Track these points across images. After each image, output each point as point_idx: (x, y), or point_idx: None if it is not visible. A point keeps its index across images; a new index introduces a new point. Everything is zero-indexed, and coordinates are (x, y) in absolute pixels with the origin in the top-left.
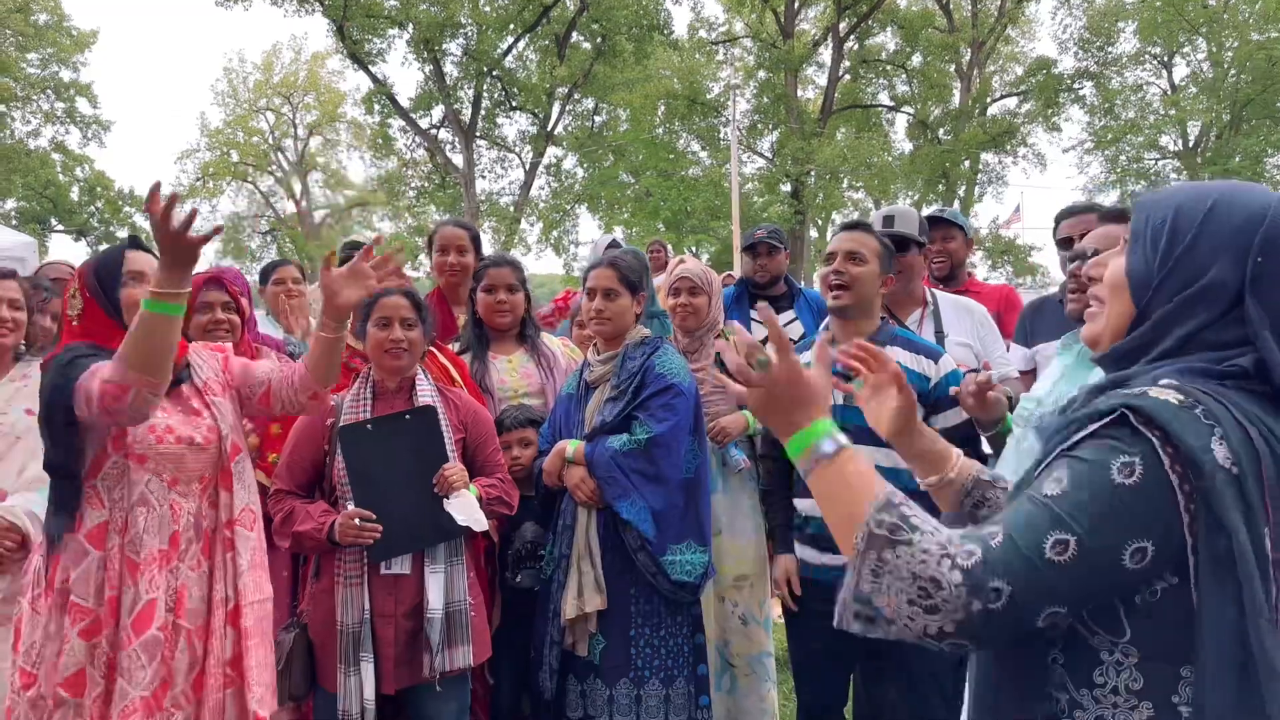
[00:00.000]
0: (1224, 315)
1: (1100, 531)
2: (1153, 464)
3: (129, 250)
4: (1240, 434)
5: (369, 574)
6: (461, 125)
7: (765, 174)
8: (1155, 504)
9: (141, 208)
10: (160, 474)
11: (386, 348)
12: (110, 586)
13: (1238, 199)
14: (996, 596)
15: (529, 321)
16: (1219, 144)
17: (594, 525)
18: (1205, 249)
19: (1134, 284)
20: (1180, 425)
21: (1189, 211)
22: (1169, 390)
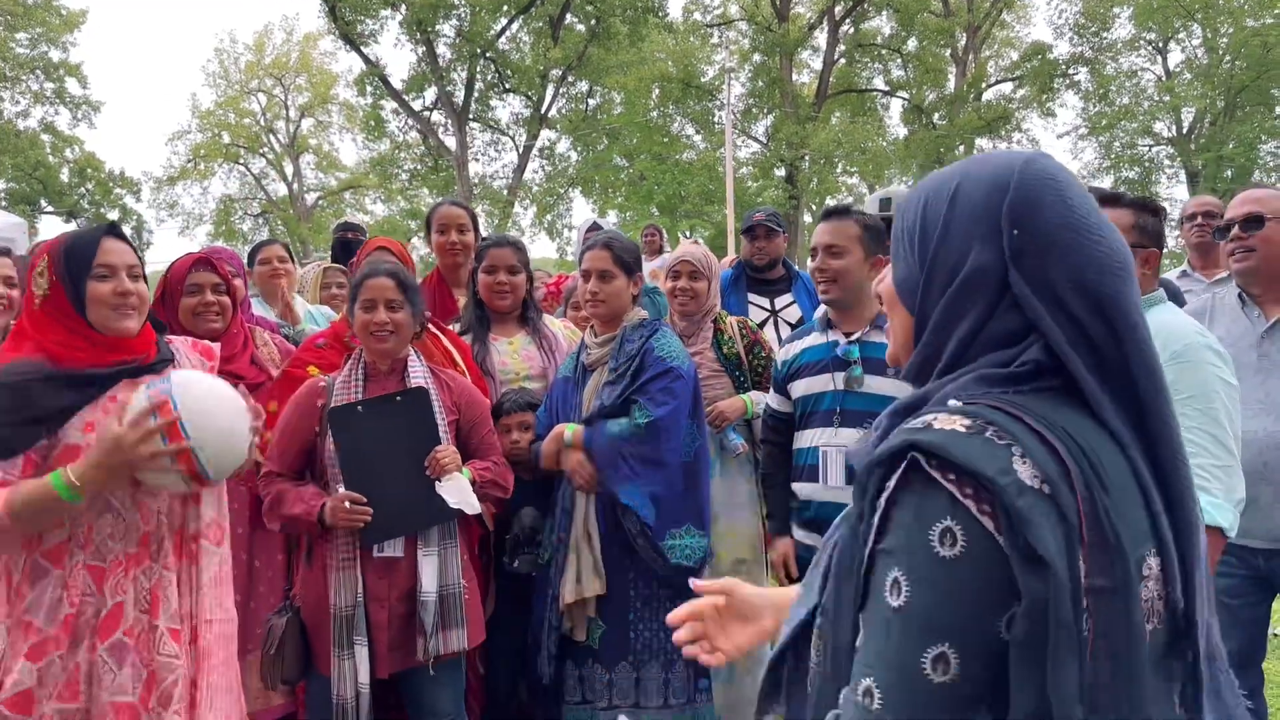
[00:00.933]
0: (998, 303)
1: (966, 623)
2: (965, 520)
3: (105, 238)
4: (1042, 448)
5: (361, 557)
6: (454, 107)
7: (760, 158)
8: (992, 564)
9: (133, 189)
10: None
11: (372, 330)
12: (70, 604)
13: (979, 173)
14: None
15: (530, 303)
16: (1213, 130)
17: (593, 510)
18: (958, 235)
19: (902, 292)
20: (974, 455)
21: (935, 199)
22: (955, 416)
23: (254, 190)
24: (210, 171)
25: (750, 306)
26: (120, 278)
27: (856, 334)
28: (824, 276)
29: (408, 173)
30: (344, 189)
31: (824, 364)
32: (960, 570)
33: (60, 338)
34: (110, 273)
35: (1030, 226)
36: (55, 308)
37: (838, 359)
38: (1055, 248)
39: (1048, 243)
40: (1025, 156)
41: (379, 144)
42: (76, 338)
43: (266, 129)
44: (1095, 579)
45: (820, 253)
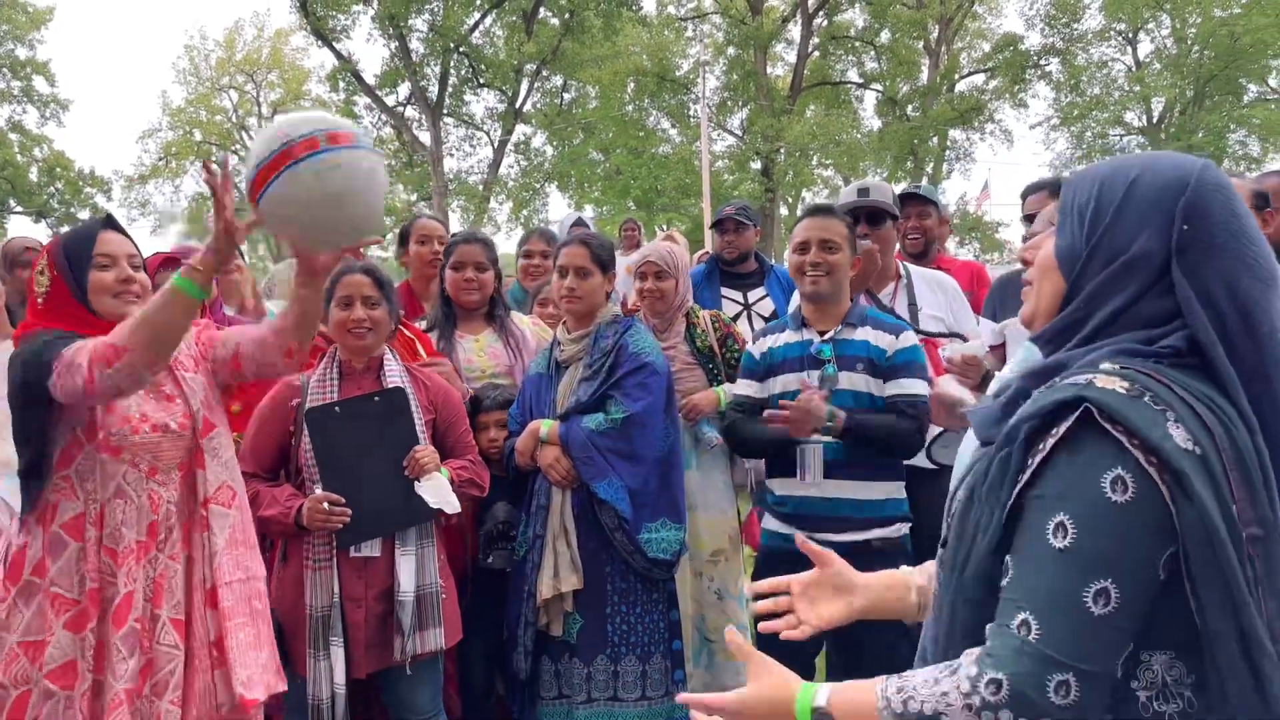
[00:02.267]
0: (1153, 287)
1: (1128, 559)
2: (1134, 469)
3: (102, 230)
4: (1191, 414)
5: (338, 557)
6: (428, 102)
7: (735, 151)
8: (1158, 511)
9: (103, 188)
10: (137, 464)
11: (349, 327)
12: (91, 579)
13: (1160, 168)
14: (1066, 690)
15: (498, 300)
16: (1182, 120)
17: (569, 505)
18: (1130, 221)
19: (1062, 261)
20: (1138, 417)
21: (1113, 185)
22: (1113, 378)
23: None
24: (182, 169)
25: (723, 300)
26: (122, 265)
27: (830, 332)
28: (818, 270)
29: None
30: None
31: (799, 362)
32: (1129, 514)
33: (67, 327)
34: (111, 262)
35: (1199, 225)
36: (58, 302)
37: (813, 357)
38: (1217, 248)
39: (1211, 242)
40: (1204, 163)
41: None
42: (82, 326)
43: (239, 126)
44: (1251, 528)
45: (815, 246)
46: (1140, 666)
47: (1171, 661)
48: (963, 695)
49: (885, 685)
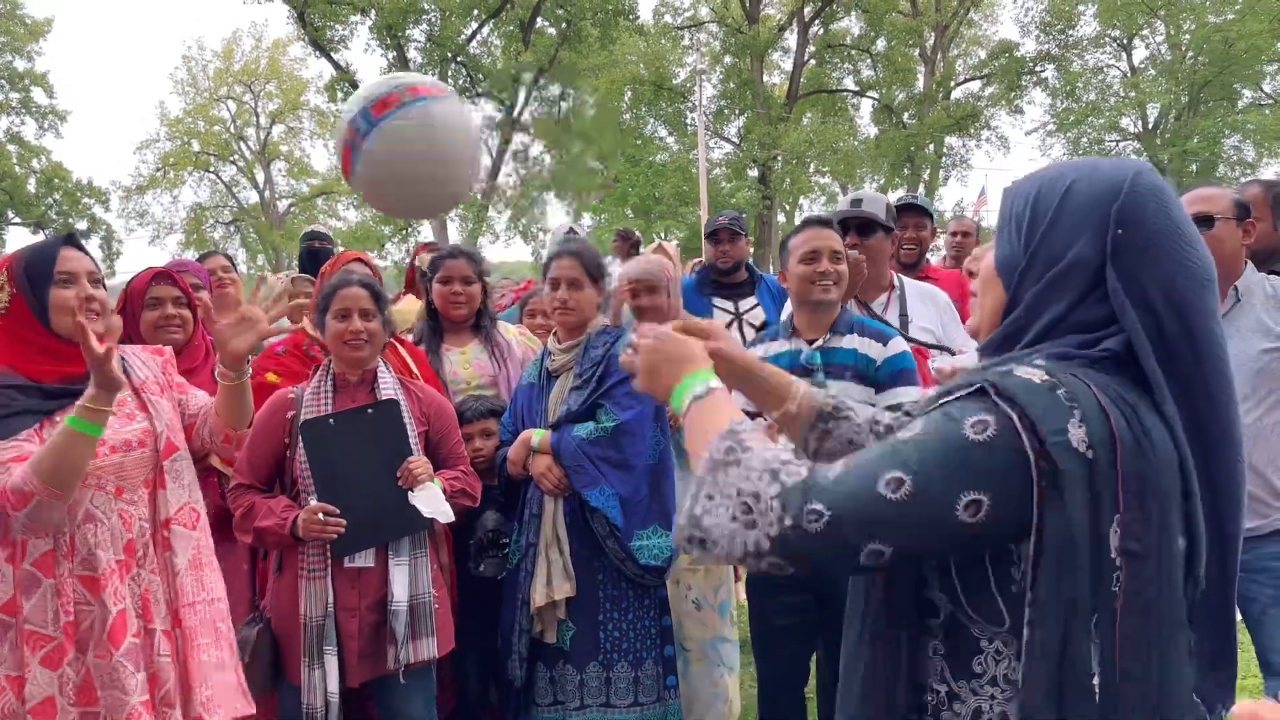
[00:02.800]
0: (1091, 294)
1: (937, 476)
2: (1007, 431)
3: (63, 248)
4: (1101, 418)
5: (332, 567)
6: None
7: (732, 159)
8: (1001, 465)
9: (101, 199)
10: (103, 486)
11: (346, 339)
12: (65, 613)
13: (1095, 174)
14: (816, 518)
15: (484, 313)
16: (1177, 125)
17: (561, 513)
18: (1065, 227)
19: (1002, 271)
20: (1037, 404)
21: (1048, 192)
22: (1035, 370)
23: (225, 198)
24: (180, 180)
25: (715, 310)
26: (82, 284)
27: (819, 340)
28: (828, 279)
29: None
30: (316, 195)
31: (788, 370)
32: (969, 448)
33: (23, 351)
34: (72, 279)
35: (1133, 229)
36: (16, 320)
37: (802, 367)
38: (1152, 252)
39: (1146, 246)
40: (1138, 167)
41: None
42: (39, 351)
43: (237, 136)
44: (1129, 543)
45: (825, 257)
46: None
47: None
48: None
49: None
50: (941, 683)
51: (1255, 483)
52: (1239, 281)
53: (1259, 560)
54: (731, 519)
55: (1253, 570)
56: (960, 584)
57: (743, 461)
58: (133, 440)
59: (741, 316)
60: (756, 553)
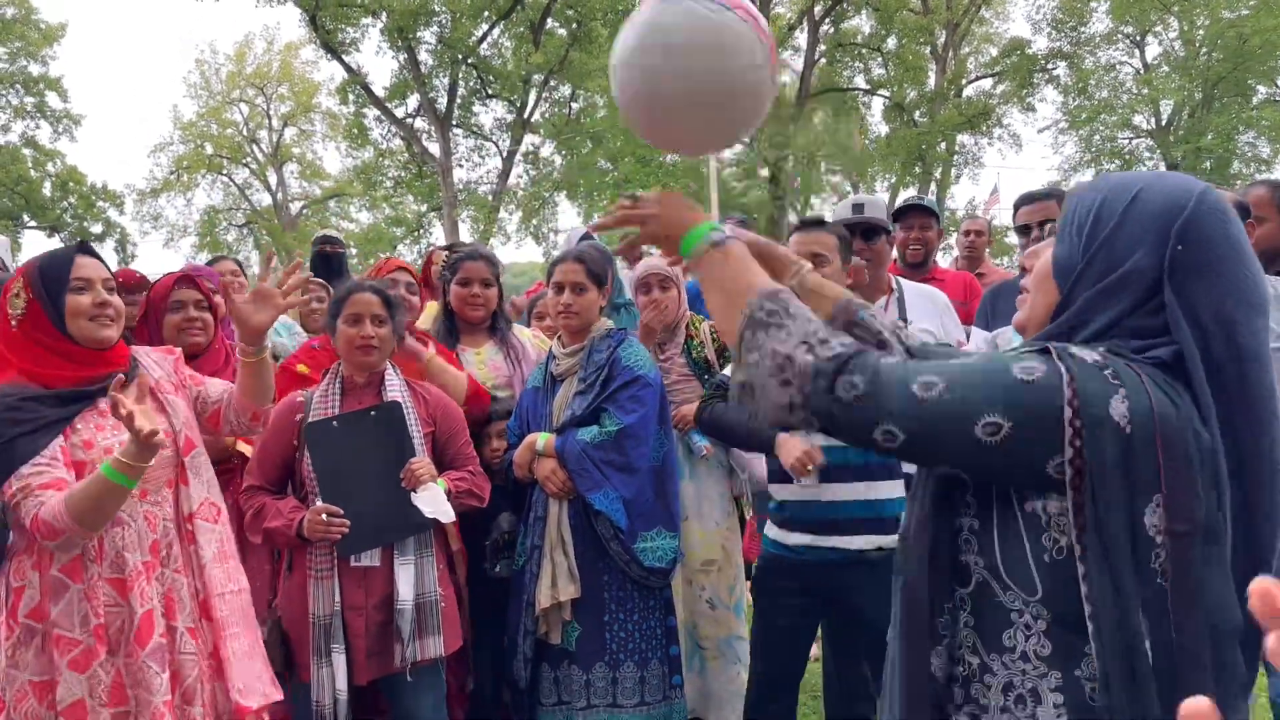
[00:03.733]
0: (1145, 303)
1: (970, 390)
2: (1053, 379)
3: (78, 255)
4: (1145, 402)
5: (339, 567)
6: (437, 114)
7: (743, 159)
8: (1035, 403)
9: (116, 202)
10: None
11: (358, 344)
12: (96, 616)
13: (1162, 187)
14: (850, 389)
15: (500, 314)
16: (1191, 122)
17: (565, 515)
18: (1127, 236)
19: (1059, 271)
20: (1088, 375)
21: (1113, 200)
22: (1091, 352)
23: (238, 201)
24: (193, 183)
25: None
26: (97, 290)
27: None
28: None
29: (392, 180)
30: (328, 197)
31: None
32: (1008, 380)
33: (40, 356)
34: (87, 285)
35: (1193, 247)
36: (33, 326)
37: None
38: (1208, 271)
39: (1203, 265)
40: (1204, 186)
41: (362, 152)
42: (56, 356)
43: (249, 139)
44: (1175, 524)
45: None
46: (1085, 660)
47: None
48: (817, 329)
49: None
50: (974, 654)
51: None
52: None
53: None
54: (769, 375)
55: None
56: (999, 545)
57: (784, 326)
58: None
59: None
60: (790, 407)
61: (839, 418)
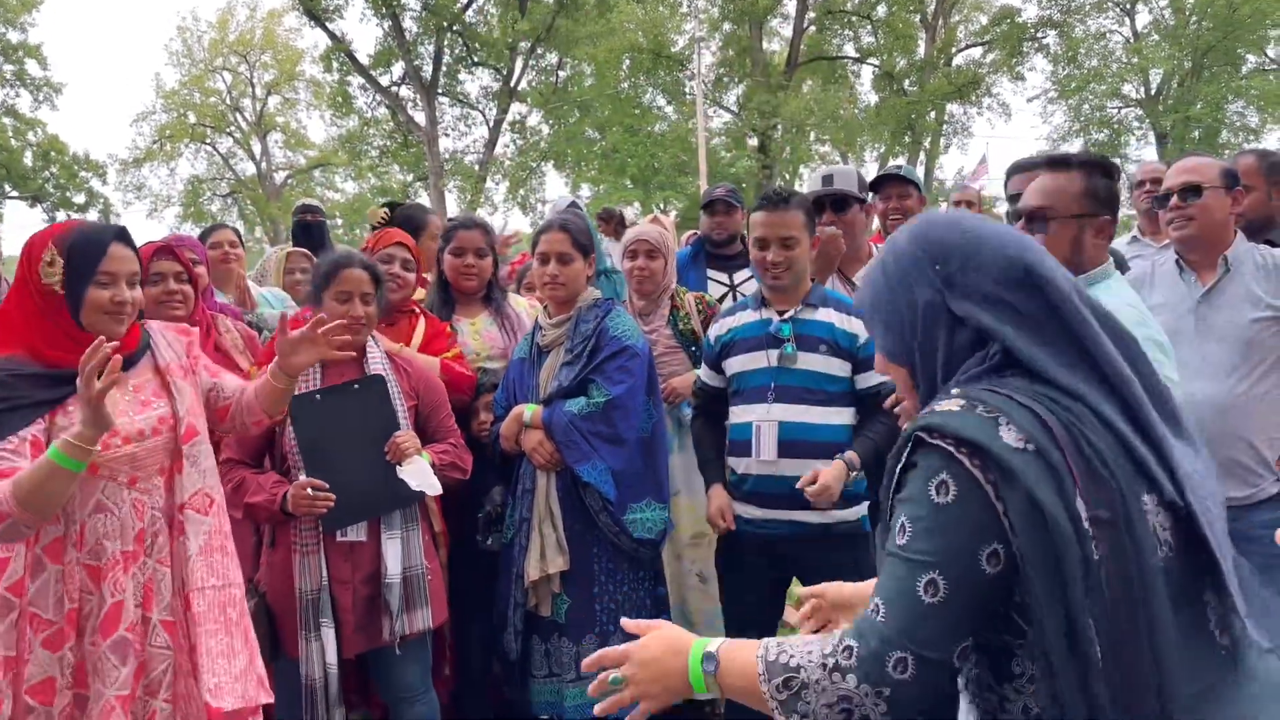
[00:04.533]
0: (955, 325)
1: (950, 554)
2: (958, 473)
3: (114, 243)
4: (1026, 414)
5: (325, 541)
6: (423, 82)
7: (732, 128)
8: (978, 508)
9: (99, 172)
10: (116, 477)
11: (347, 323)
12: (70, 600)
13: (895, 244)
14: (904, 667)
15: (494, 284)
16: (1180, 91)
17: (554, 487)
18: (901, 290)
19: (890, 357)
20: (963, 426)
21: (875, 280)
22: (951, 401)
23: (222, 170)
24: (177, 152)
25: (709, 282)
26: (120, 286)
27: (790, 312)
28: (779, 268)
29: (377, 149)
30: (313, 167)
31: (758, 341)
32: (951, 513)
33: (48, 333)
34: (112, 280)
35: (945, 259)
36: (50, 304)
37: (772, 336)
38: (968, 262)
39: (960, 262)
40: (921, 218)
41: (347, 120)
42: (65, 339)
43: (233, 108)
44: (1096, 511)
45: (774, 245)
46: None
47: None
48: (823, 655)
49: (770, 642)
50: (989, 692)
51: (1245, 452)
52: (1228, 251)
53: (1246, 529)
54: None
55: (1239, 539)
56: None
57: (806, 682)
58: (147, 429)
59: (736, 288)
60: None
61: (921, 692)
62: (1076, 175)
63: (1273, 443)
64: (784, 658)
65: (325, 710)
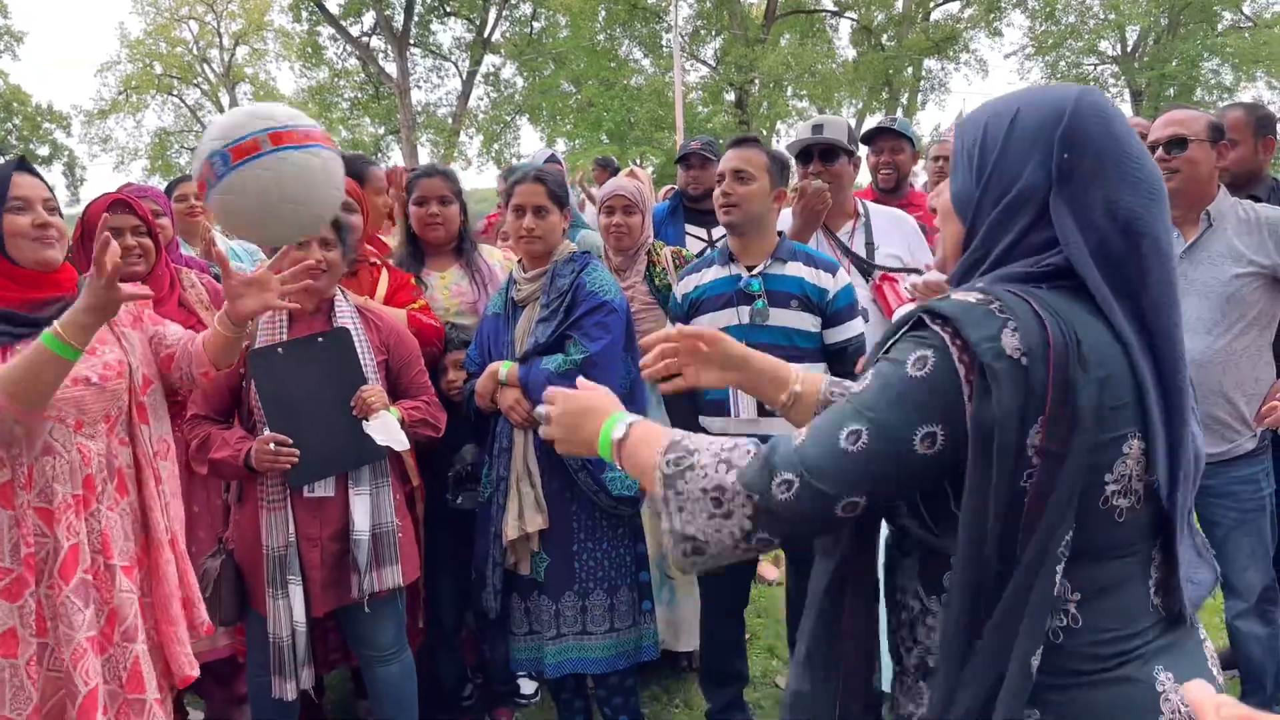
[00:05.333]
0: (1040, 219)
1: (890, 419)
2: (943, 356)
3: (15, 174)
4: (1037, 326)
5: (292, 497)
6: (394, 32)
7: (709, 83)
8: (943, 391)
9: (62, 123)
10: (63, 420)
11: (300, 268)
12: (26, 544)
13: (1039, 101)
14: (786, 488)
15: (465, 235)
16: (1156, 48)
17: (531, 446)
18: (1014, 156)
19: (958, 204)
20: (968, 319)
21: (996, 124)
22: (969, 293)
23: (190, 123)
24: (143, 104)
25: (687, 237)
26: (37, 210)
27: (759, 266)
28: (727, 200)
29: (348, 101)
30: None
31: (727, 298)
32: (913, 385)
33: None
34: (26, 205)
35: (1078, 151)
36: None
37: (742, 292)
38: (1098, 172)
39: (1093, 167)
40: (1080, 90)
41: (317, 72)
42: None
43: (200, 58)
44: (1049, 443)
45: (728, 177)
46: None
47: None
48: (723, 449)
49: (688, 433)
50: (915, 598)
51: (1223, 408)
52: (1211, 206)
53: (1223, 485)
54: (708, 518)
55: (1217, 494)
56: (924, 507)
57: (694, 464)
58: (94, 376)
59: (714, 244)
60: (745, 536)
61: (793, 521)
62: None
63: (1250, 399)
64: (689, 443)
65: (294, 668)
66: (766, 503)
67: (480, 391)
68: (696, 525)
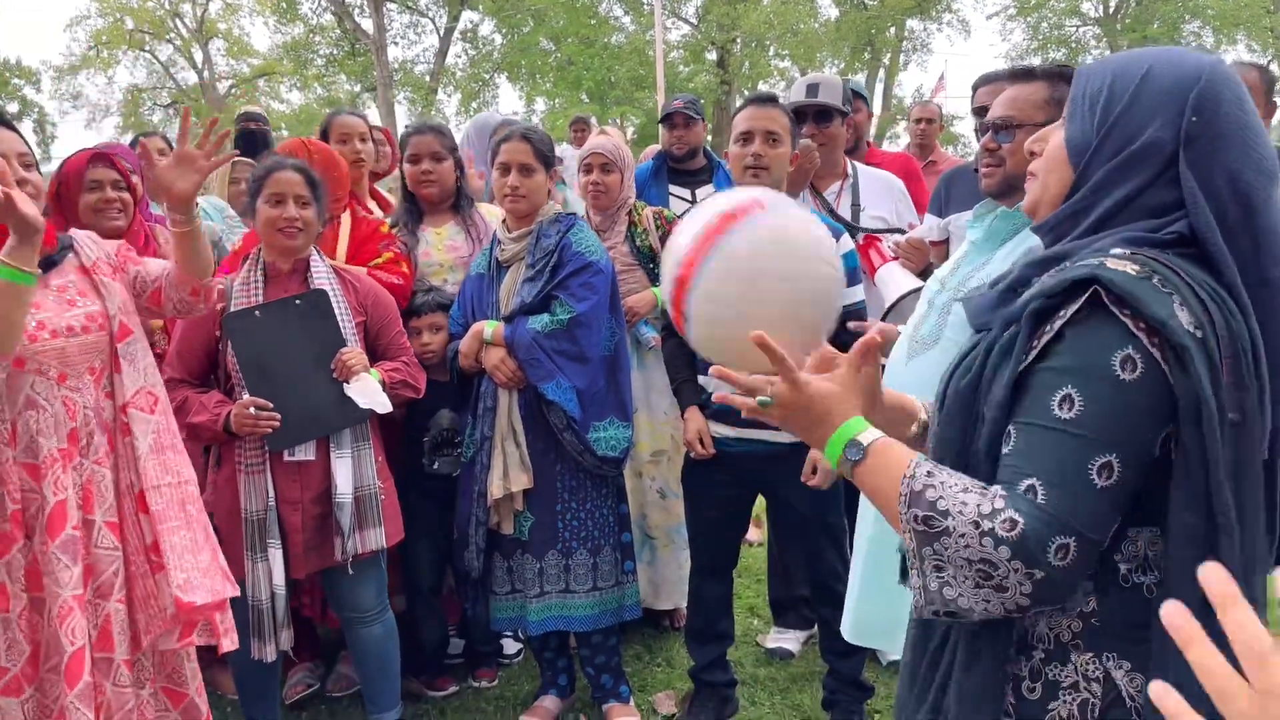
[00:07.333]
0: (1159, 177)
1: (1132, 436)
2: (1141, 349)
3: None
4: (1195, 298)
5: (271, 461)
6: None
7: (690, 42)
8: (1159, 391)
9: (32, 80)
10: (45, 372)
11: (280, 226)
12: (12, 500)
13: (1174, 61)
14: (1063, 553)
15: (462, 192)
16: (1138, 10)
17: (516, 406)
18: (1141, 110)
19: (1072, 150)
20: (1145, 297)
21: (1126, 75)
22: (1124, 261)
23: (163, 79)
24: (114, 60)
25: (671, 198)
26: (13, 165)
27: None
28: (759, 163)
29: (324, 58)
30: (257, 76)
31: None
32: (1135, 392)
33: None
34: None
35: (1209, 117)
36: None
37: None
38: (1223, 141)
39: (1218, 135)
40: (1216, 58)
41: (292, 28)
42: None
43: (172, 13)
44: (1232, 414)
45: (759, 138)
46: (1125, 541)
47: (1155, 538)
48: (979, 514)
49: (920, 461)
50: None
51: None
52: None
53: None
54: (975, 586)
55: None
56: None
57: (951, 530)
58: (76, 326)
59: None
60: (1019, 609)
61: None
62: (1040, 85)
63: None
64: (931, 494)
65: (274, 630)
66: (1050, 575)
67: (465, 351)
68: (963, 595)
